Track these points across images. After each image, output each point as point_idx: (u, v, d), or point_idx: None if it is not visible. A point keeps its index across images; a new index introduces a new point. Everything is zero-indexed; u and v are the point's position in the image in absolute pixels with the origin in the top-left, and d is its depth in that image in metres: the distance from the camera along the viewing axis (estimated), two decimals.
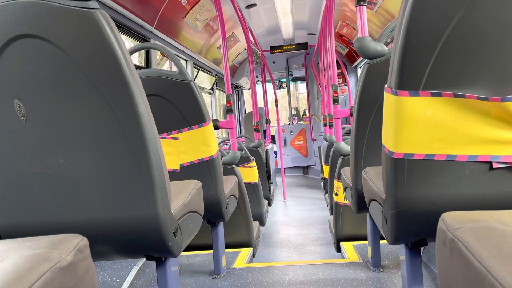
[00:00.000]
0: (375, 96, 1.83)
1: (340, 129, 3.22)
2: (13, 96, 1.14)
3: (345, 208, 3.03)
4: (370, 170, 1.63)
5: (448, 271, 0.70)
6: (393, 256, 2.43)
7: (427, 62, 1.05)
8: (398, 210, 1.17)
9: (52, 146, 1.18)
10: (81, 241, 0.79)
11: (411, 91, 1.08)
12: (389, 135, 1.15)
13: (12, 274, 0.65)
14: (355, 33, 6.60)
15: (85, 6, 1.06)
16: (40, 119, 1.16)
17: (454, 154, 1.10)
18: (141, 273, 2.05)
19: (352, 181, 2.01)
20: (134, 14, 3.47)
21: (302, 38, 8.27)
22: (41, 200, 1.21)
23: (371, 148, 1.89)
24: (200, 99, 2.04)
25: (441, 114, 1.08)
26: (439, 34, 1.03)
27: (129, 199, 1.19)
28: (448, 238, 0.70)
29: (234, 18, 5.99)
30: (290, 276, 2.26)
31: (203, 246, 2.91)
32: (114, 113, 1.13)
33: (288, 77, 9.76)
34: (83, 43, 1.08)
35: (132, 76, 1.12)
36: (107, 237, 1.24)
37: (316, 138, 9.33)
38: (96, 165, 1.18)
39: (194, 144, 2.07)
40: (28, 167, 1.19)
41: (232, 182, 2.49)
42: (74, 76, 1.10)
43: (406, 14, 1.03)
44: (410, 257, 1.38)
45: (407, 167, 1.13)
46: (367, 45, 1.77)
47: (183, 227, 1.37)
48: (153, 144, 1.16)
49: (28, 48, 1.09)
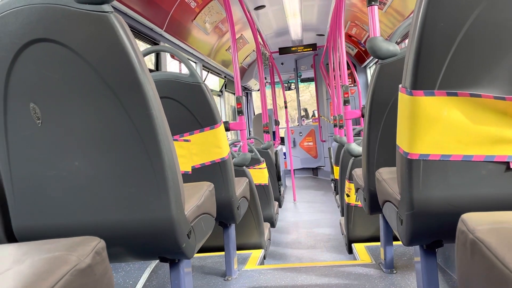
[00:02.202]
0: (388, 96, 1.82)
1: (351, 130, 3.20)
2: (29, 100, 1.15)
3: (356, 209, 3.01)
4: (384, 171, 1.61)
5: (469, 273, 0.69)
6: (406, 258, 2.41)
7: (442, 61, 1.04)
8: (414, 211, 1.16)
9: (67, 148, 1.18)
10: (98, 244, 0.80)
11: (426, 91, 1.07)
12: (404, 135, 1.14)
13: (32, 277, 0.65)
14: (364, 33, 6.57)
15: (99, 10, 1.06)
16: (55, 122, 1.17)
17: (471, 154, 1.09)
18: (153, 275, 2.05)
19: (364, 182, 2.00)
20: (144, 18, 3.49)
21: (310, 39, 8.25)
22: (56, 203, 1.22)
23: (383, 148, 1.88)
24: (211, 101, 2.04)
25: (457, 114, 1.07)
26: (455, 33, 1.02)
27: (143, 201, 1.19)
28: (469, 240, 0.69)
29: (243, 20, 6.00)
30: (302, 278, 2.25)
31: (214, 248, 2.91)
32: (128, 115, 1.13)
33: (297, 78, 9.75)
34: (98, 47, 1.09)
35: (146, 79, 1.12)
36: (122, 239, 1.25)
37: (325, 139, 9.30)
38: (110, 167, 1.19)
39: (205, 146, 2.07)
40: (44, 170, 1.20)
41: (243, 183, 2.49)
42: (89, 79, 1.11)
43: (421, 13, 1.02)
44: (426, 258, 1.37)
45: (423, 168, 1.12)
46: (379, 45, 1.76)
47: (197, 229, 1.38)
48: (166, 146, 1.17)
49: (43, 52, 1.11)
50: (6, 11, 1.10)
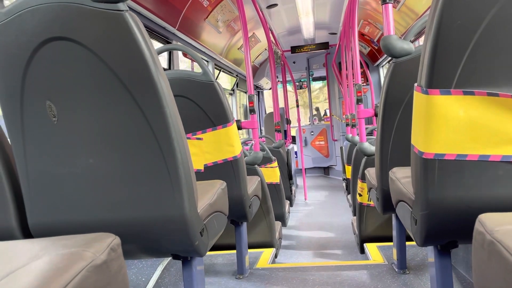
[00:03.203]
0: (402, 95, 1.80)
1: (364, 129, 3.18)
2: (45, 98, 1.17)
3: (369, 209, 2.99)
4: (397, 171, 1.60)
5: (486, 274, 0.68)
6: (419, 258, 2.39)
7: (459, 60, 1.03)
8: (429, 211, 1.15)
9: (82, 146, 1.20)
10: (114, 240, 0.80)
11: (443, 90, 1.06)
12: (419, 135, 1.13)
13: (49, 272, 0.66)
14: (377, 32, 6.52)
15: (115, 8, 1.07)
16: (70, 120, 1.18)
17: (487, 154, 1.07)
18: (166, 272, 2.07)
19: (377, 182, 1.98)
20: (157, 16, 3.51)
21: (323, 37, 8.22)
22: (71, 199, 1.24)
23: (397, 148, 1.86)
24: (224, 99, 2.05)
25: (473, 113, 1.05)
26: (472, 31, 1.00)
27: (157, 199, 1.20)
28: (487, 240, 0.68)
29: (255, 19, 6.00)
30: (314, 277, 2.24)
31: (225, 246, 2.92)
32: (142, 113, 1.14)
33: (309, 77, 9.71)
34: (113, 45, 1.10)
35: (160, 77, 1.13)
36: (135, 236, 1.26)
37: (337, 138, 9.25)
38: (124, 165, 1.20)
39: (218, 145, 2.07)
40: (59, 167, 1.22)
41: (255, 182, 2.49)
42: (104, 77, 1.12)
43: (438, 11, 1.01)
44: (440, 259, 1.35)
45: (438, 168, 1.10)
46: (394, 43, 1.74)
47: (209, 226, 1.38)
48: (180, 144, 1.17)
49: (59, 50, 1.12)
50: (23, 10, 1.11)
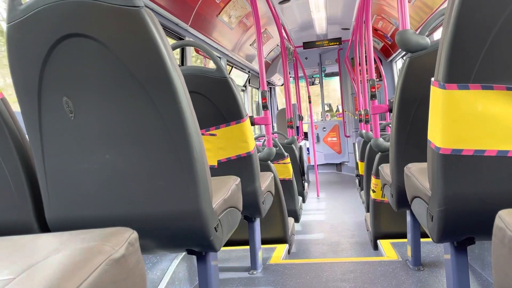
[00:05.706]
0: (417, 90, 1.78)
1: (378, 125, 3.15)
2: (62, 94, 1.18)
3: (382, 205, 2.97)
4: (413, 167, 1.59)
5: (508, 270, 0.67)
6: (433, 255, 2.37)
7: (478, 54, 1.01)
8: (446, 207, 1.13)
9: (98, 142, 1.21)
10: (131, 235, 0.81)
11: (460, 84, 1.04)
12: (436, 130, 1.11)
13: (69, 266, 0.67)
14: (390, 27, 6.44)
15: (131, 5, 1.08)
16: (87, 115, 1.19)
17: (506, 149, 1.06)
18: (180, 267, 2.08)
19: (392, 178, 1.97)
20: (170, 13, 3.52)
21: (335, 33, 8.15)
22: (88, 195, 1.25)
23: (412, 144, 1.84)
24: (237, 95, 2.05)
25: (492, 108, 1.04)
26: (491, 25, 0.99)
27: (172, 194, 1.21)
28: (507, 236, 0.67)
29: (267, 15, 5.98)
30: (327, 273, 2.24)
31: (238, 241, 2.93)
32: (157, 109, 1.14)
33: (321, 72, 9.66)
34: (129, 41, 1.10)
35: (176, 73, 1.13)
36: (151, 231, 1.27)
37: (349, 134, 9.20)
38: (140, 160, 1.20)
39: (231, 140, 2.08)
40: (76, 163, 1.23)
41: (268, 178, 2.49)
42: (120, 73, 1.13)
43: (456, 5, 1.00)
44: (456, 256, 1.34)
45: (455, 163, 1.09)
46: (409, 38, 1.72)
47: (224, 222, 1.38)
48: (195, 140, 1.18)
49: (76, 46, 1.13)
50: (40, 7, 1.13)
